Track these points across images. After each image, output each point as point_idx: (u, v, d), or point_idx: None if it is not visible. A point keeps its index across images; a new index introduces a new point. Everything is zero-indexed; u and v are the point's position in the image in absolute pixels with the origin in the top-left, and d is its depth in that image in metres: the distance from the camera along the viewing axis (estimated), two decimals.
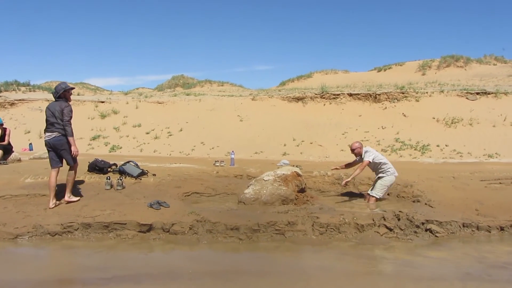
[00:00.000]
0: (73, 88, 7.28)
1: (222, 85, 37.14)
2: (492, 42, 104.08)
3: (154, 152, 14.19)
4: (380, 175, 8.03)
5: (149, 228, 6.18)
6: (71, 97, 7.21)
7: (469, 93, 18.69)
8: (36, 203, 6.87)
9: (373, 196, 7.89)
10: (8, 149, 10.75)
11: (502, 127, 15.50)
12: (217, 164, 10.84)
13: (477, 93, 18.59)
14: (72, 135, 6.82)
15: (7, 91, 24.14)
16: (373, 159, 8.00)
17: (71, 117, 6.82)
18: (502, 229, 6.42)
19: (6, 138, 10.77)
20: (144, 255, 5.63)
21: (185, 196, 7.96)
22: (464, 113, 16.66)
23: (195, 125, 16.66)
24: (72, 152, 6.84)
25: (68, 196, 6.97)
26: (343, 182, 8.21)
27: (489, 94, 18.46)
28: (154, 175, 8.90)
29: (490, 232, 6.38)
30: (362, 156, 8.13)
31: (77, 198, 7.05)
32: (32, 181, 7.99)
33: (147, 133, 15.98)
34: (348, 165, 8.63)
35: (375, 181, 8.13)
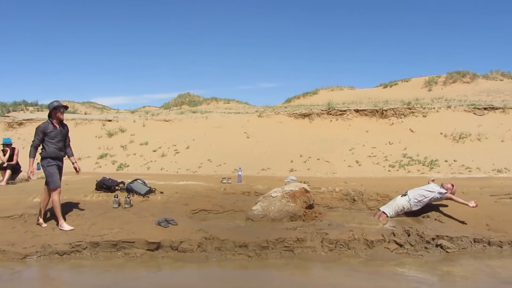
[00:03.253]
0: (64, 107, 6.94)
1: (228, 103, 37.24)
2: (498, 57, 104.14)
3: (161, 169, 14.20)
4: (413, 205, 7.93)
5: (158, 246, 6.17)
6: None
7: (477, 108, 18.65)
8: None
9: (384, 213, 7.83)
10: (16, 169, 10.83)
11: (510, 142, 15.41)
12: (224, 181, 10.84)
13: (485, 108, 18.55)
14: (32, 156, 6.69)
15: (15, 111, 24.33)
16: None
17: (34, 140, 6.71)
18: None
19: (15, 157, 10.87)
20: (153, 273, 5.61)
21: (193, 213, 7.95)
22: (472, 128, 16.60)
23: (201, 143, 16.70)
24: (27, 173, 6.81)
25: (60, 224, 6.71)
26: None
27: (496, 109, 18.40)
28: (161, 192, 8.91)
29: (501, 247, 6.32)
30: (439, 191, 7.97)
31: (69, 228, 6.68)
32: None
33: (154, 151, 16.02)
34: None
35: (393, 200, 8.10)
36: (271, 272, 5.69)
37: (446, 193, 7.86)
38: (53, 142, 6.74)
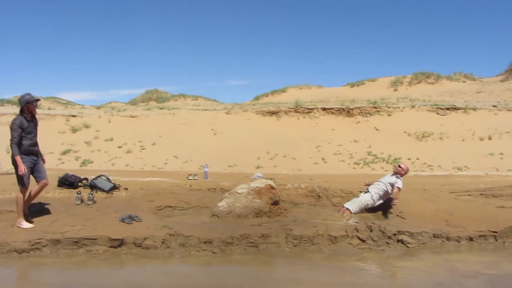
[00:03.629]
0: (37, 100, 6.59)
1: (196, 99, 37.06)
2: (461, 60, 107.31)
3: (127, 166, 14.01)
4: (375, 199, 8.08)
5: (121, 243, 6.07)
6: (37, 110, 6.75)
7: (440, 108, 19.16)
8: (2, 220, 6.67)
9: (348, 209, 7.94)
10: None
11: (471, 142, 15.92)
12: (191, 178, 10.81)
13: (447, 109, 19.08)
14: (16, 154, 6.25)
15: None
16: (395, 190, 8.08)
17: (14, 136, 6.23)
18: (471, 239, 6.57)
19: None
20: (115, 270, 5.53)
21: (158, 210, 7.86)
22: (434, 127, 17.05)
23: (168, 139, 16.56)
24: (19, 171, 6.26)
25: (18, 222, 6.41)
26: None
27: (458, 109, 18.97)
28: (126, 189, 8.80)
29: (459, 242, 6.51)
30: (397, 177, 8.16)
31: (28, 226, 6.40)
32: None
33: (120, 147, 15.79)
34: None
35: (357, 196, 8.23)
36: (236, 268, 5.69)
37: (397, 181, 8.10)
38: (29, 138, 6.39)
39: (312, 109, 19.28)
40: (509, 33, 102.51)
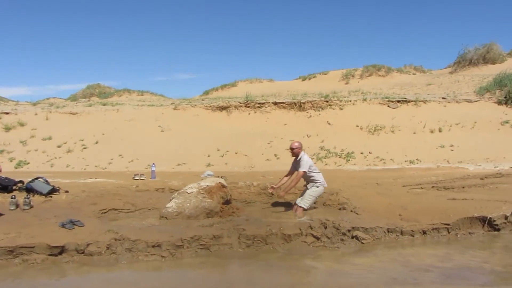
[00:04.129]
0: None
1: (142, 95, 36.39)
2: (411, 52, 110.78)
3: (67, 167, 13.54)
4: (310, 185, 8.13)
5: (61, 250, 5.84)
6: None
7: (391, 101, 19.68)
8: None
9: (300, 207, 7.98)
10: None
11: (422, 134, 16.46)
12: (137, 178, 10.63)
13: (398, 101, 19.63)
14: None
15: None
16: (308, 168, 8.02)
17: None
18: (424, 232, 6.77)
19: None
20: (55, 280, 5.32)
21: (102, 213, 7.67)
22: (386, 120, 17.50)
23: (112, 137, 16.14)
24: None
25: None
26: (270, 189, 8.27)
27: (409, 102, 19.55)
28: (66, 191, 8.52)
29: (413, 236, 6.70)
30: (298, 158, 8.12)
31: None
32: None
33: (59, 147, 15.24)
34: (283, 183, 8.42)
35: (304, 191, 8.22)
36: (187, 272, 5.61)
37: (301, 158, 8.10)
38: None
39: (263, 103, 19.33)
40: (457, 26, 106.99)
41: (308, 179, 8.17)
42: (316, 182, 8.09)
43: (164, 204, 7.73)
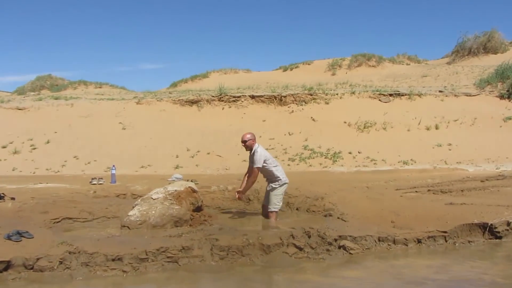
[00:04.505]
0: None
1: (100, 87, 36.10)
2: (405, 40, 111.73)
3: (13, 170, 13.35)
4: (270, 185, 8.17)
5: (7, 266, 5.75)
6: None
7: (382, 94, 19.94)
8: None
9: (272, 211, 8.02)
10: None
11: (416, 131, 16.71)
12: (95, 182, 10.58)
13: (391, 95, 19.90)
14: None
15: None
16: (263, 163, 8.00)
17: None
18: (419, 241, 6.87)
19: None
20: None
21: (54, 223, 7.60)
22: (377, 116, 17.69)
23: (66, 136, 15.97)
24: None
25: None
26: (237, 195, 8.31)
27: (402, 95, 19.85)
28: (13, 198, 8.43)
29: (407, 245, 6.79)
30: (252, 152, 8.14)
31: None
32: None
33: (4, 147, 15.01)
34: (245, 181, 8.49)
35: (267, 194, 8.26)
36: None
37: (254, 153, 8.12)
38: None
39: (239, 97, 19.37)
40: (456, 11, 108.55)
41: (267, 175, 8.23)
42: (277, 180, 8.13)
43: (125, 212, 7.69)
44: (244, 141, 8.27)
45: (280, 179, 8.12)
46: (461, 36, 35.94)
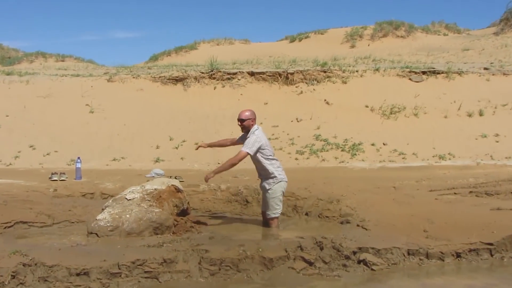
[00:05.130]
0: None
1: (62, 61, 36.14)
2: (441, 5, 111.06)
3: None
4: (264, 183, 7.99)
5: None
6: None
7: (413, 72, 19.88)
8: None
9: (273, 218, 7.96)
10: None
11: (456, 118, 16.67)
12: (55, 178, 10.58)
13: (424, 73, 19.84)
14: None
15: None
16: (256, 151, 7.74)
17: None
18: (458, 255, 6.80)
19: None
20: None
21: (5, 228, 7.59)
22: (407, 99, 17.65)
23: (20, 120, 15.97)
24: None
25: None
26: (205, 177, 7.94)
27: (438, 74, 19.79)
28: None
29: (443, 260, 6.75)
30: (248, 135, 7.94)
31: None
32: None
33: None
34: (220, 145, 8.71)
35: (264, 198, 8.11)
36: None
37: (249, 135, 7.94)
38: None
39: (235, 73, 19.32)
40: None
41: (259, 169, 8.05)
42: (271, 177, 7.93)
43: (93, 216, 7.69)
44: (241, 120, 8.04)
45: (275, 177, 7.91)
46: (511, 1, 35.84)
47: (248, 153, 7.67)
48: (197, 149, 8.54)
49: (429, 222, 7.62)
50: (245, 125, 8.02)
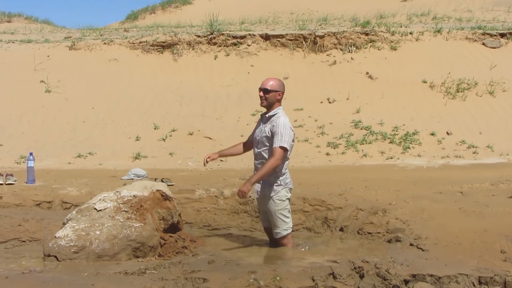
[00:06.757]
0: None
1: (8, 21, 36.24)
2: None
3: None
4: (265, 190, 7.75)
5: None
6: None
7: (488, 34, 19.79)
8: None
9: (285, 236, 7.86)
10: None
11: None
12: (0, 182, 10.63)
13: (502, 35, 19.75)
14: None
15: None
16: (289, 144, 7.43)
17: None
18: None
19: None
20: None
21: None
22: (479, 72, 17.59)
23: None
24: None
25: None
26: (240, 192, 7.49)
27: None
28: None
29: None
30: (272, 115, 7.63)
31: None
32: None
33: None
34: (237, 152, 8.36)
35: (267, 210, 7.85)
36: None
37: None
38: None
39: (243, 37, 19.32)
40: None
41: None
42: (277, 178, 7.72)
43: (52, 232, 7.71)
44: (265, 90, 7.58)
45: (283, 180, 7.74)
46: None
47: (285, 150, 7.40)
48: (205, 165, 8.01)
49: (507, 240, 7.59)
50: (269, 98, 7.61)
